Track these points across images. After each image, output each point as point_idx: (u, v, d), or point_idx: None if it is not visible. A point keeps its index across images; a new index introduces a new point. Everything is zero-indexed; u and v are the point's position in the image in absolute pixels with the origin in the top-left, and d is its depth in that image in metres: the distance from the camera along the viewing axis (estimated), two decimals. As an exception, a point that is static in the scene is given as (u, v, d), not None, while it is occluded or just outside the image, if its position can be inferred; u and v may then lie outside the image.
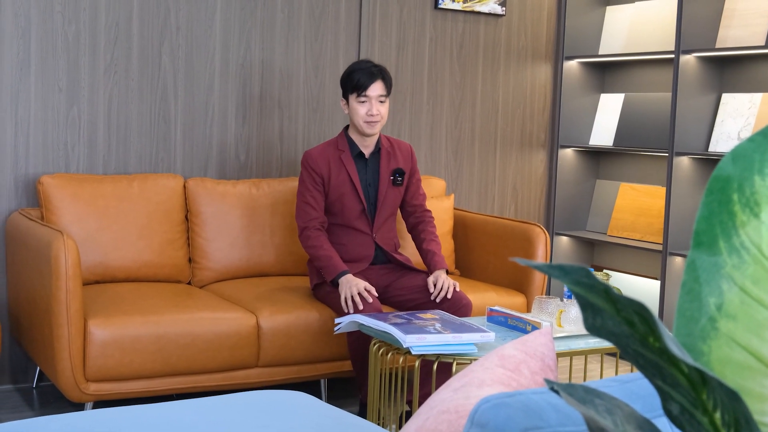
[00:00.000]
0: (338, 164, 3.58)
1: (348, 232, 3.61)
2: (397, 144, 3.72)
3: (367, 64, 3.58)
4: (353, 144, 3.62)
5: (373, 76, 3.53)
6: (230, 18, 4.14)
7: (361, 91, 3.52)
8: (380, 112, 3.54)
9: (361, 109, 3.53)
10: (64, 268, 3.09)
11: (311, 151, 3.62)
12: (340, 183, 3.57)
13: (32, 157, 3.78)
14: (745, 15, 4.32)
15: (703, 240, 0.81)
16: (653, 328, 0.70)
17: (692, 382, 0.71)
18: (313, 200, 3.55)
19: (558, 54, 5.07)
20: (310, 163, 3.57)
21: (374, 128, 3.56)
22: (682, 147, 4.38)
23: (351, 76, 3.55)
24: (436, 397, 1.41)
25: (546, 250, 3.95)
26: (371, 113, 3.53)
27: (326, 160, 3.58)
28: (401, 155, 3.70)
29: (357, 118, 3.55)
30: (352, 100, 3.55)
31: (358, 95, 3.53)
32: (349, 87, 3.55)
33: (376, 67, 3.57)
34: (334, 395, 3.83)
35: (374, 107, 3.53)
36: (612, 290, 0.70)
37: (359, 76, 3.53)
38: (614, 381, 1.16)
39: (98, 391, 3.23)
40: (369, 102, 3.53)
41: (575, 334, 3.12)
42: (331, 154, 3.60)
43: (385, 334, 2.90)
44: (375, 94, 3.53)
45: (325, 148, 3.62)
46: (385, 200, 3.64)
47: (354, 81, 3.53)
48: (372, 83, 3.52)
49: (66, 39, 3.80)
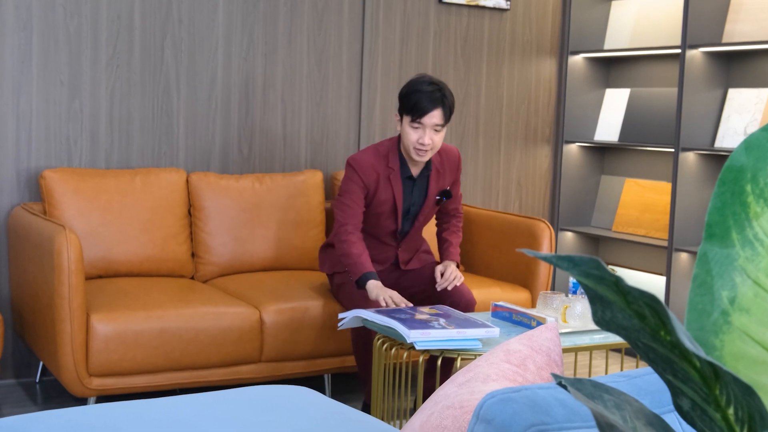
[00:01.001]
0: (386, 182, 3.39)
1: (373, 242, 3.52)
2: (445, 153, 3.50)
3: (430, 86, 3.28)
4: (404, 164, 3.41)
5: (434, 102, 3.25)
6: (233, 11, 4.12)
7: (417, 116, 3.26)
8: (433, 141, 3.30)
9: (413, 134, 3.29)
10: (66, 263, 3.07)
11: (358, 157, 3.39)
12: (383, 202, 3.42)
13: (34, 151, 3.77)
14: (752, 9, 4.29)
15: (716, 232, 0.79)
16: (665, 322, 0.68)
17: (704, 377, 0.69)
18: (355, 204, 3.37)
19: (563, 49, 5.04)
20: (359, 171, 3.36)
21: (423, 157, 3.34)
22: (687, 142, 4.35)
23: (410, 97, 3.28)
24: (441, 392, 1.39)
25: (551, 245, 3.93)
26: (423, 141, 3.28)
27: (376, 173, 3.38)
28: (449, 167, 3.51)
29: (407, 142, 3.31)
30: (406, 121, 3.30)
31: (412, 119, 3.28)
32: (406, 107, 3.30)
33: (440, 91, 3.28)
34: (337, 390, 3.81)
35: (427, 136, 3.28)
36: (623, 281, 0.68)
37: (419, 98, 3.25)
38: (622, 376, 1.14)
39: (101, 386, 3.22)
40: (422, 129, 3.28)
41: (580, 329, 3.10)
42: (381, 170, 3.38)
43: (389, 329, 2.88)
44: (431, 123, 3.27)
45: (375, 160, 3.39)
46: (424, 220, 3.55)
47: (411, 103, 3.27)
48: (431, 111, 3.26)
49: (68, 32, 3.79)
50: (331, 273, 3.56)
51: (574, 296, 3.26)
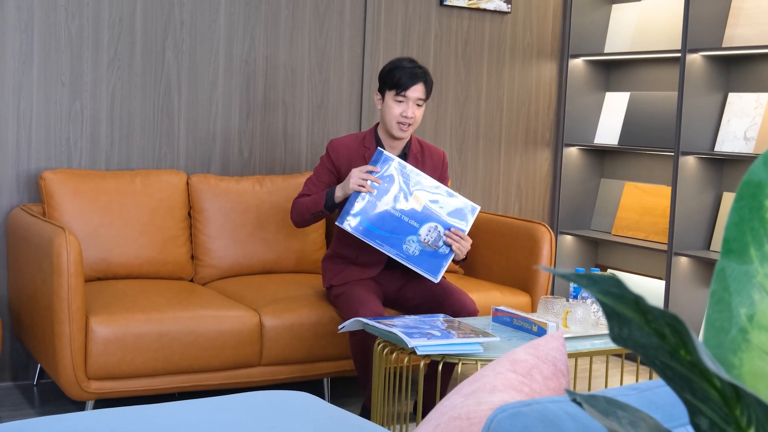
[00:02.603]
0: (360, 161, 3.46)
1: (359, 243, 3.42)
2: (428, 149, 3.58)
3: (411, 63, 3.43)
4: (380, 143, 3.49)
5: (415, 77, 3.39)
6: (234, 13, 4.11)
7: (401, 90, 3.38)
8: (415, 115, 3.41)
9: (397, 108, 3.40)
10: (66, 265, 3.06)
11: (336, 140, 3.52)
12: None
13: (34, 152, 3.75)
14: (752, 14, 4.29)
15: (734, 248, 0.78)
16: (686, 341, 0.67)
17: (725, 397, 0.68)
18: (318, 181, 3.46)
19: (563, 52, 5.03)
20: (331, 152, 3.48)
21: (405, 132, 3.42)
22: (687, 146, 4.35)
23: (392, 73, 3.40)
24: (447, 403, 1.38)
25: (551, 249, 3.92)
26: (406, 114, 3.38)
27: (348, 152, 3.47)
28: (431, 162, 3.55)
29: (390, 116, 3.41)
30: (389, 97, 3.41)
31: (396, 93, 3.39)
32: (388, 83, 3.41)
33: (420, 68, 3.43)
34: (336, 394, 3.80)
35: (410, 109, 3.39)
36: (644, 300, 0.67)
37: (401, 75, 3.38)
38: (632, 389, 1.13)
39: (99, 390, 3.20)
40: (406, 103, 3.39)
41: (581, 334, 3.09)
42: (354, 148, 3.48)
43: (390, 334, 2.87)
44: (414, 96, 3.39)
45: (350, 141, 3.51)
46: None
47: (395, 79, 3.39)
48: (413, 84, 3.38)
49: (69, 33, 3.77)
50: (329, 286, 3.54)
51: (575, 301, 3.25)
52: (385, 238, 3.29)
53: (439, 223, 3.31)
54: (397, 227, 3.30)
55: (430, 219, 3.30)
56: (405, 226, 3.30)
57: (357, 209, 3.28)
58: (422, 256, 3.31)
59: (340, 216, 3.30)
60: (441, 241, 3.31)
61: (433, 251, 3.31)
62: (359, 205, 3.28)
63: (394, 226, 3.29)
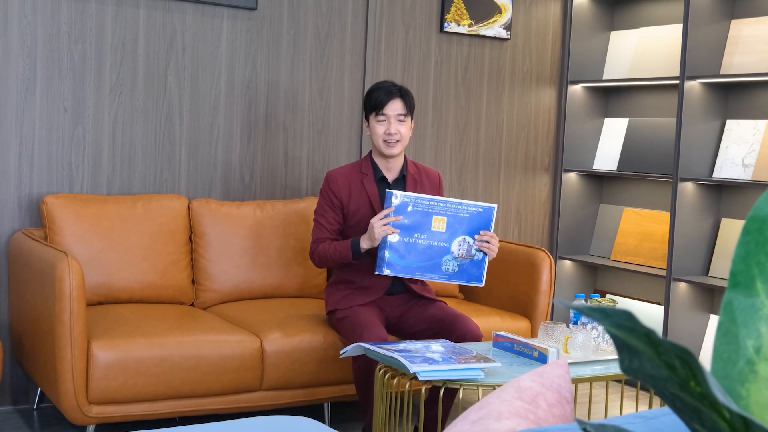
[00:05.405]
0: (359, 188, 3.49)
1: (364, 259, 3.45)
2: (424, 171, 3.63)
3: (386, 83, 3.51)
4: (376, 168, 3.53)
5: (391, 94, 3.45)
6: (236, 39, 4.14)
7: (379, 109, 3.44)
8: (399, 132, 3.45)
9: (380, 128, 3.45)
10: (68, 290, 3.07)
11: (334, 171, 3.54)
12: (360, 208, 3.48)
13: (36, 176, 3.77)
14: (750, 42, 4.33)
15: (740, 281, 0.79)
16: (696, 373, 0.68)
17: (734, 428, 0.70)
18: (326, 222, 3.47)
19: (562, 78, 5.07)
20: (331, 184, 3.50)
21: (393, 148, 3.47)
22: (686, 172, 4.37)
23: (370, 95, 3.49)
24: (454, 430, 1.39)
25: (551, 275, 3.94)
26: (389, 131, 3.44)
27: (347, 182, 3.50)
28: (428, 181, 3.60)
29: (376, 137, 3.47)
30: (372, 120, 3.48)
31: (376, 114, 3.46)
32: (368, 106, 3.49)
33: (396, 86, 3.50)
34: (337, 419, 3.80)
35: (393, 125, 3.44)
36: (654, 334, 0.69)
37: (378, 94, 3.46)
38: (637, 417, 1.15)
39: (101, 414, 3.20)
40: (387, 120, 3.45)
41: (581, 360, 3.10)
42: (353, 177, 3.51)
43: (391, 359, 2.88)
44: (393, 113, 3.45)
45: (348, 170, 3.54)
46: None
47: (372, 100, 3.47)
48: (390, 100, 3.45)
49: (72, 59, 3.80)
50: (332, 310, 3.54)
51: (575, 327, 3.26)
52: (424, 268, 3.36)
53: (466, 234, 3.36)
54: (430, 254, 3.36)
55: (456, 234, 3.37)
56: (437, 250, 3.35)
57: (389, 254, 3.32)
58: (461, 269, 3.39)
59: (377, 266, 3.33)
60: (473, 249, 3.38)
61: (469, 261, 3.39)
62: (389, 249, 3.32)
63: (427, 254, 3.36)
